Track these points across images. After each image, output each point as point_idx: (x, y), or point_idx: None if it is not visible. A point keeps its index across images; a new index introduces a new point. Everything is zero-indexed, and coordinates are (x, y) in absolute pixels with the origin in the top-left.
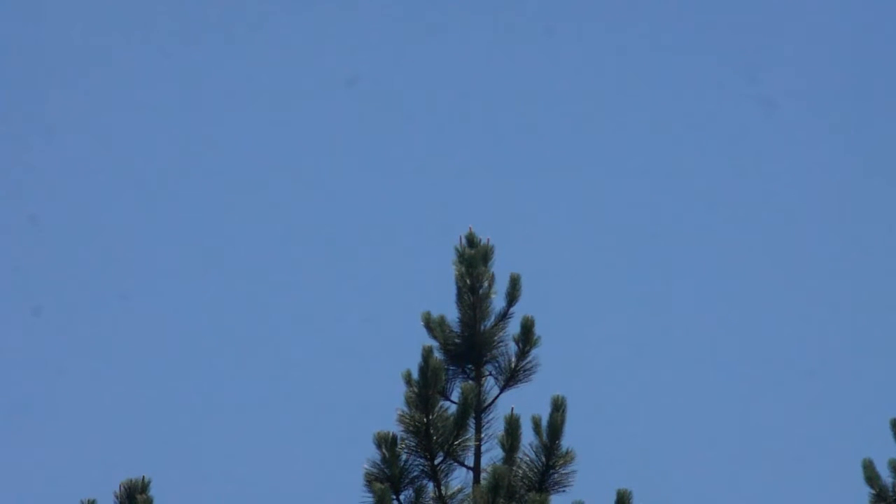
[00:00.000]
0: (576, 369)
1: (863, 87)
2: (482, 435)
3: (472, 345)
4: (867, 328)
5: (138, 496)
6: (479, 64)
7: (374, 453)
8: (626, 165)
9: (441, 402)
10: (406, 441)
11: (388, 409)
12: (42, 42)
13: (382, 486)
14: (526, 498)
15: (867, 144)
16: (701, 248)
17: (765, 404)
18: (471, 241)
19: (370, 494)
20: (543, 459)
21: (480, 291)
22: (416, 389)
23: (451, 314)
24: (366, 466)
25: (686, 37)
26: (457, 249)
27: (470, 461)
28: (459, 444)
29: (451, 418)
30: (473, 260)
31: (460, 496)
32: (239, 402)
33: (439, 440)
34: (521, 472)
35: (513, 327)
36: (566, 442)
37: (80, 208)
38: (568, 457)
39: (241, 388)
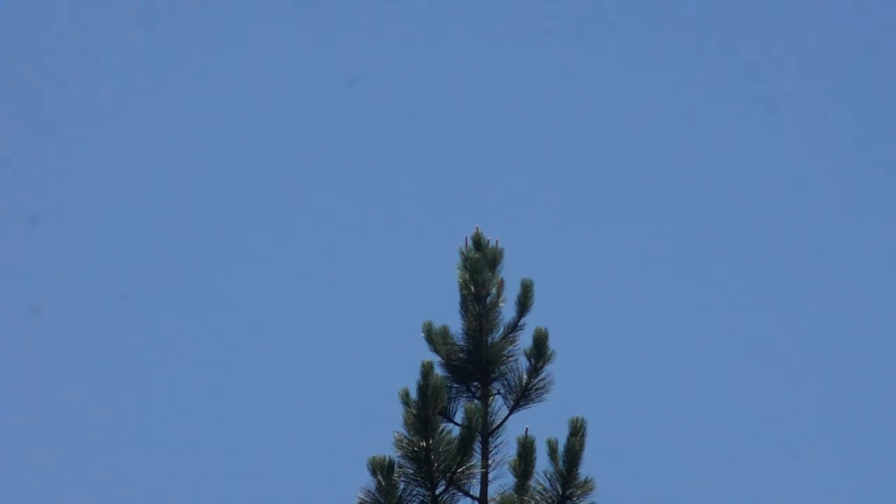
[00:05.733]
0: (595, 388)
1: (863, 87)
2: (489, 461)
3: (477, 360)
4: (869, 327)
5: None
6: (480, 64)
7: (368, 481)
8: (628, 165)
9: (443, 425)
10: (404, 468)
11: (385, 431)
12: (42, 42)
13: None
14: None
15: (867, 144)
16: (713, 248)
17: (798, 418)
18: (477, 243)
19: None
20: (559, 489)
21: (488, 300)
22: (414, 410)
23: (455, 325)
24: (359, 496)
25: (686, 37)
26: (462, 252)
27: (476, 490)
28: (464, 472)
29: (455, 442)
30: (479, 265)
31: None
32: (229, 405)
33: (441, 467)
34: (533, 502)
35: (524, 340)
36: (585, 470)
37: (79, 208)
38: (587, 486)
39: (230, 392)
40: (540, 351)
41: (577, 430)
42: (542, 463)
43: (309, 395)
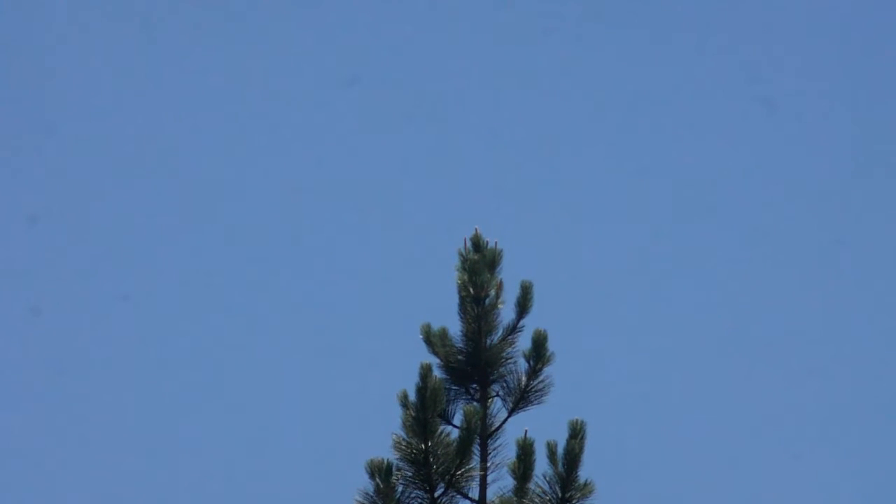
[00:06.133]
0: (594, 389)
1: (863, 87)
2: (488, 464)
3: (476, 362)
4: (869, 327)
5: None
6: (480, 64)
7: (366, 483)
8: (628, 165)
9: (442, 427)
10: (402, 470)
11: (383, 433)
12: (42, 42)
13: None
14: None
15: (867, 144)
16: (712, 248)
17: (798, 418)
18: (476, 244)
19: None
20: (558, 492)
21: (486, 301)
22: (413, 412)
23: (454, 327)
24: (357, 499)
25: (686, 37)
26: (460, 254)
27: (474, 493)
28: (462, 474)
29: (453, 445)
30: (478, 266)
31: None
32: (229, 405)
33: (440, 469)
34: None
35: (523, 342)
36: (584, 472)
37: (79, 208)
38: (586, 489)
39: (230, 393)
40: (539, 353)
41: (576, 433)
42: (541, 465)
43: (308, 396)
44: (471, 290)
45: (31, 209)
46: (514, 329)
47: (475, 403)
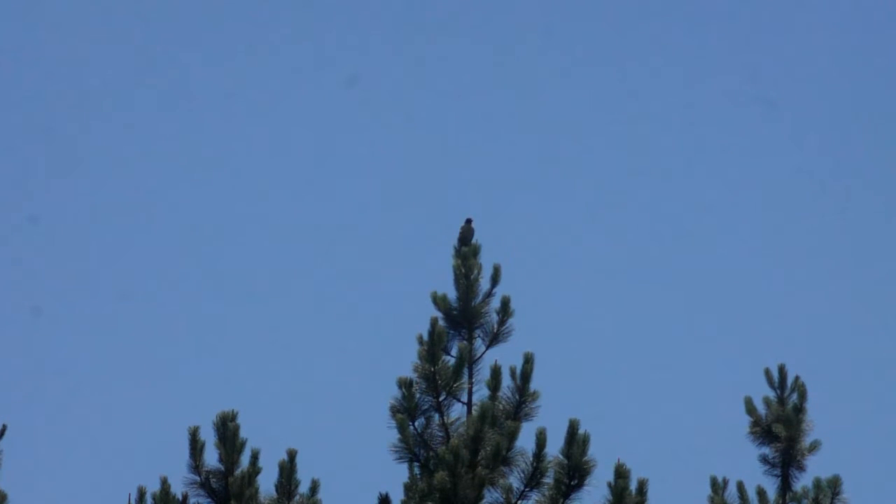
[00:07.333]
0: (541, 333)
1: (863, 86)
2: (473, 380)
3: (465, 315)
4: (865, 323)
5: None
6: (480, 64)
7: (396, 392)
8: (625, 165)
9: (444, 357)
10: (419, 384)
11: (407, 361)
12: (42, 44)
13: (402, 416)
14: (504, 425)
15: (867, 143)
16: (711, 248)
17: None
18: (464, 240)
19: (393, 422)
20: (517, 397)
21: (471, 277)
22: (426, 347)
23: (451, 293)
24: (391, 402)
25: (686, 36)
26: (454, 247)
27: (464, 398)
28: (457, 387)
29: (451, 368)
30: (467, 254)
31: (457, 423)
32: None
33: (443, 383)
34: (501, 406)
35: (495, 303)
36: (533, 385)
37: (79, 208)
38: (535, 395)
39: (241, 390)
40: (505, 310)
41: (528, 360)
42: (506, 381)
43: (357, 343)
44: (462, 270)
45: (31, 209)
46: (489, 295)
47: (465, 342)
